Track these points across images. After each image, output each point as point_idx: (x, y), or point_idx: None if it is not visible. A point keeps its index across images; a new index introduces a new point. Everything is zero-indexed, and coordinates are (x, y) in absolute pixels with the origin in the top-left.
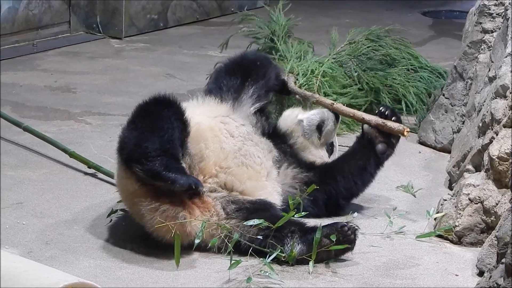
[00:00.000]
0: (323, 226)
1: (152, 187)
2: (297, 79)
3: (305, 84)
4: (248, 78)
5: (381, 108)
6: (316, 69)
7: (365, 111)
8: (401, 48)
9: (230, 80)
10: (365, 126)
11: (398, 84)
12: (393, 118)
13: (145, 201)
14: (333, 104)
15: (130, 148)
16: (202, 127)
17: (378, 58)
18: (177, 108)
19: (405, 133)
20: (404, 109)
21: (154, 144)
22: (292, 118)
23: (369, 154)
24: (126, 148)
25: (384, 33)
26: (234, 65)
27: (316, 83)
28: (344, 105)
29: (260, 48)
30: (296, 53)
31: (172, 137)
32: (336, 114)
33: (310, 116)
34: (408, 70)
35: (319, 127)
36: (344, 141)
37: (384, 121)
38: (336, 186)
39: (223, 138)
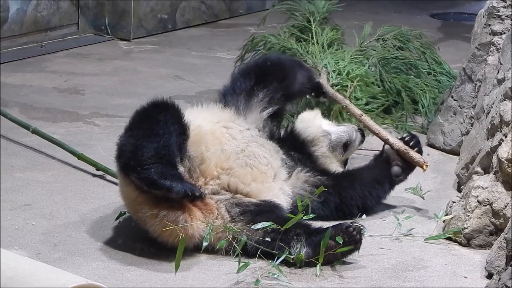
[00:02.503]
0: (329, 228)
1: (151, 194)
2: (330, 76)
3: (338, 85)
4: (262, 82)
5: (407, 136)
6: (352, 71)
7: (383, 111)
8: (427, 52)
9: (244, 83)
10: (386, 146)
11: (417, 87)
12: (415, 149)
13: (145, 207)
14: (362, 115)
15: (127, 156)
16: (203, 130)
17: (402, 61)
18: (175, 112)
19: (424, 167)
20: (421, 110)
21: (149, 151)
22: (316, 126)
23: (385, 173)
24: (123, 156)
25: (415, 35)
26: (251, 67)
27: (350, 88)
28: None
29: (295, 25)
30: (327, 40)
31: (168, 143)
32: (362, 134)
33: (340, 132)
34: (429, 74)
35: (346, 145)
36: None
37: (408, 149)
38: (352, 193)
39: (224, 140)
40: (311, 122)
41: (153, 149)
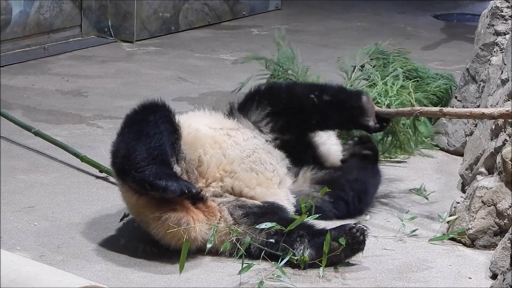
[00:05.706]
0: (331, 229)
1: (151, 197)
2: (377, 101)
3: (389, 102)
4: (281, 116)
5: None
6: (391, 87)
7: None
8: (401, 59)
9: (253, 106)
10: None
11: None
12: None
13: (147, 211)
14: (442, 109)
15: (120, 161)
16: (201, 133)
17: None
18: (164, 111)
19: None
20: None
21: (142, 153)
22: None
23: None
24: (117, 162)
25: (386, 47)
26: (276, 98)
27: (412, 97)
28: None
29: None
30: None
31: (159, 142)
32: None
33: None
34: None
35: None
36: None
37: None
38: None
39: (225, 145)
40: None
41: (145, 151)
